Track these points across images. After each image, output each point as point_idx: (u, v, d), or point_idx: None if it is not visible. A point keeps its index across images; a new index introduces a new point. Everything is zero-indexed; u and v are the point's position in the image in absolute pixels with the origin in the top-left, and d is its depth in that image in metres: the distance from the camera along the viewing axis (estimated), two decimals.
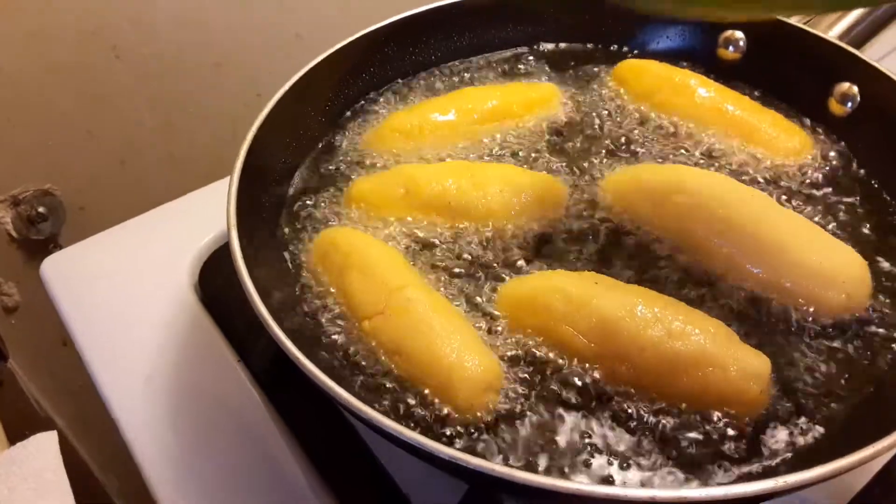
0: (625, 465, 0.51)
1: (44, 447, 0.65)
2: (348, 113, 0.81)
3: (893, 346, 0.57)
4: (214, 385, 0.70)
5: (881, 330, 0.58)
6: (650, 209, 0.64)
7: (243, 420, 0.67)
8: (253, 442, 0.65)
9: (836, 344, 0.57)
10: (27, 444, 0.67)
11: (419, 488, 0.61)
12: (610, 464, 0.51)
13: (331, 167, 0.75)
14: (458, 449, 0.46)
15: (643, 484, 0.49)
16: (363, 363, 0.57)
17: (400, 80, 0.84)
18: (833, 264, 0.59)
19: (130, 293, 0.78)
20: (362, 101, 0.82)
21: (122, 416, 0.68)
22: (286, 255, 0.66)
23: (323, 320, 0.60)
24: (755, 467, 0.50)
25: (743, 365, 0.51)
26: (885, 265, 0.63)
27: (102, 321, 0.76)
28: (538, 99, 0.78)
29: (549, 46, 0.88)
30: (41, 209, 1.23)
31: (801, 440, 0.51)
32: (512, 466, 0.47)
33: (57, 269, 0.82)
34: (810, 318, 0.58)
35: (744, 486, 0.42)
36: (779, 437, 0.52)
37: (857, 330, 0.58)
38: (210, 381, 0.70)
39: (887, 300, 0.60)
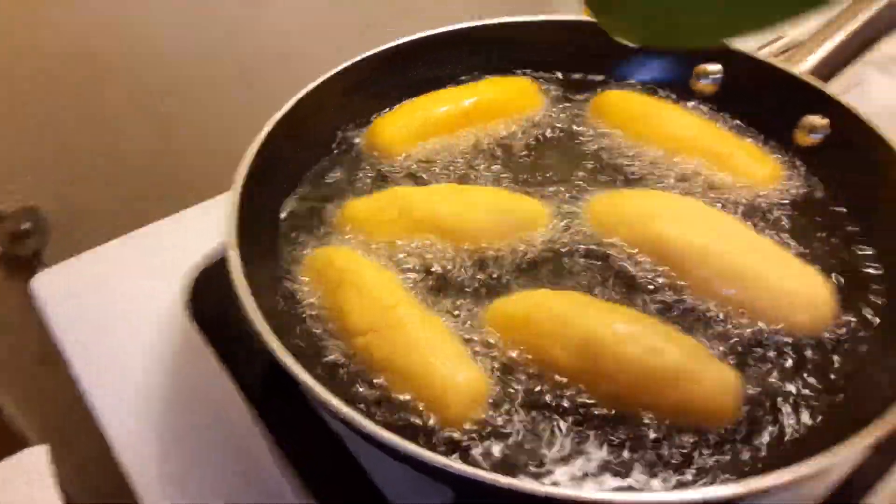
0: (602, 473, 0.53)
1: (34, 464, 0.65)
2: (341, 132, 0.84)
3: (855, 360, 0.61)
4: (207, 403, 0.71)
5: (845, 346, 0.62)
6: (628, 233, 0.68)
7: (235, 438, 0.68)
8: (243, 458, 0.66)
9: (802, 360, 0.60)
10: (16, 460, 0.67)
11: (407, 499, 0.62)
12: (587, 474, 0.53)
13: (323, 186, 0.77)
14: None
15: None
16: (356, 378, 0.59)
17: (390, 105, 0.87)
18: (799, 286, 0.62)
19: (122, 311, 0.79)
20: (355, 124, 0.85)
21: (114, 432, 0.68)
22: (280, 273, 0.68)
23: (316, 337, 0.62)
24: (726, 475, 0.53)
25: (716, 379, 0.54)
26: (847, 287, 0.66)
27: (94, 339, 0.76)
28: (518, 93, 0.86)
29: (532, 72, 0.91)
30: (26, 226, 1.23)
31: (770, 449, 0.54)
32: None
33: (47, 285, 0.82)
34: (779, 337, 0.61)
35: (714, 489, 0.45)
36: (750, 446, 0.55)
37: (822, 347, 0.61)
38: (202, 398, 0.71)
39: (850, 319, 0.63)
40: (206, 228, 0.83)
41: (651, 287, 0.65)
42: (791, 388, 0.59)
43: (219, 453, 0.67)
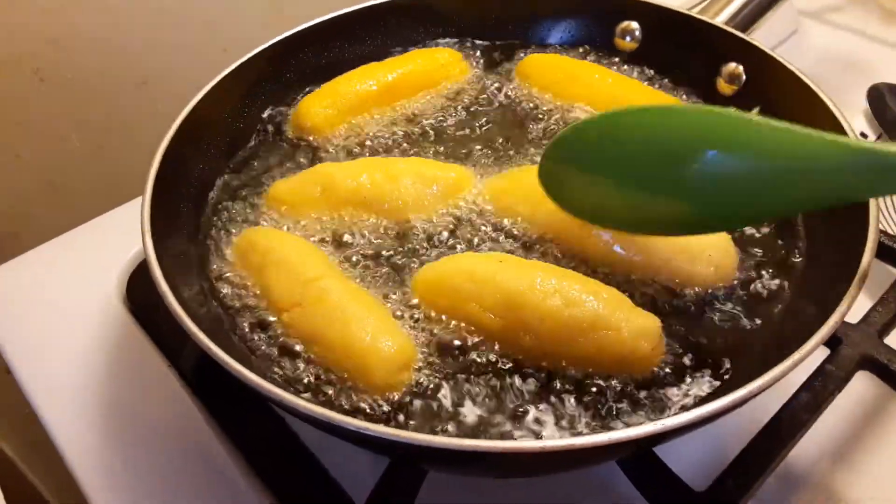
0: (530, 425, 0.54)
1: None
2: (266, 115, 0.83)
3: (760, 308, 0.62)
4: (147, 392, 0.71)
5: (750, 293, 0.62)
6: (527, 211, 0.67)
7: (177, 424, 0.68)
8: (187, 444, 0.67)
9: (710, 311, 0.61)
10: None
11: (353, 477, 0.63)
12: (516, 426, 0.54)
13: (251, 170, 0.77)
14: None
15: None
16: (285, 355, 0.59)
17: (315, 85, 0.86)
18: (698, 240, 0.62)
19: (60, 309, 0.79)
20: (280, 107, 0.84)
21: (56, 428, 0.69)
22: (208, 259, 0.68)
23: (246, 318, 0.62)
24: (648, 416, 0.54)
25: (634, 325, 0.55)
26: (751, 236, 0.67)
27: (34, 339, 0.76)
28: (443, 63, 0.85)
29: (454, 42, 0.91)
30: None
31: (686, 395, 0.56)
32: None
33: None
34: (685, 293, 0.62)
35: (631, 431, 0.45)
36: (668, 391, 0.56)
37: (729, 297, 0.62)
38: (143, 388, 0.71)
39: (752, 270, 0.64)
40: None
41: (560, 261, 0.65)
42: (699, 340, 0.59)
43: (161, 439, 0.67)
